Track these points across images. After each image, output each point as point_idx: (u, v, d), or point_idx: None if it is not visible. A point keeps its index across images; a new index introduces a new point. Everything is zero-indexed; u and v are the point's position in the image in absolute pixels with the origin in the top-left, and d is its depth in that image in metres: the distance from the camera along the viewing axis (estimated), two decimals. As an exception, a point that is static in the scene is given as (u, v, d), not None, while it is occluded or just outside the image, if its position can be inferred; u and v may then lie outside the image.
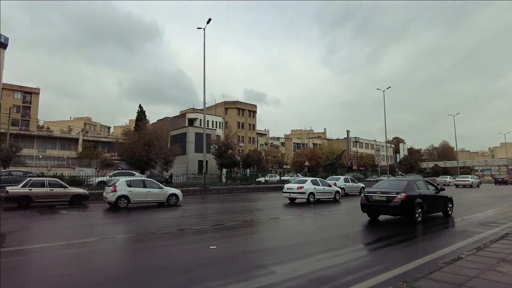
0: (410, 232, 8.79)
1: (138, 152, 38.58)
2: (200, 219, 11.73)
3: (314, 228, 10.33)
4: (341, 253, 6.24)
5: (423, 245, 7.23)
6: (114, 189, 14.75)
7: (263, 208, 16.17)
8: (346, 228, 9.89)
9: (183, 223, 10.74)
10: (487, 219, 11.08)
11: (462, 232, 8.54)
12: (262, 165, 53.51)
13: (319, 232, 9.39)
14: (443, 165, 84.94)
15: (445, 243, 7.15)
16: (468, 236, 7.88)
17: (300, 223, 11.36)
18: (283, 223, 11.23)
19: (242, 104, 71.27)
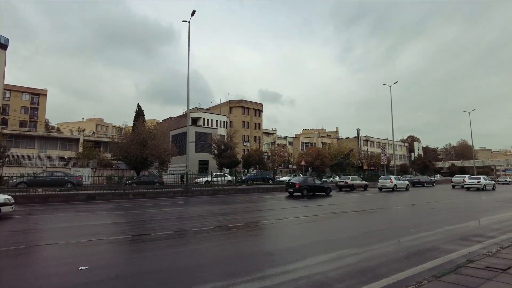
0: (363, 245, 6.93)
1: (132, 152, 37.72)
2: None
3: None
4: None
5: (367, 268, 5.40)
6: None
7: (235, 212, 14.47)
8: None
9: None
10: (474, 231, 9.06)
11: (426, 251, 6.62)
12: (264, 165, 51.80)
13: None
14: (460, 165, 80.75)
15: (389, 270, 5.30)
16: (431, 258, 6.00)
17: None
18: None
19: (247, 103, 69.75)
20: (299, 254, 6.36)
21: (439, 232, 8.94)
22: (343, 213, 13.99)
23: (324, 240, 8.06)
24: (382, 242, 7.56)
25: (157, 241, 7.78)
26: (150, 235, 8.54)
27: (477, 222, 11.05)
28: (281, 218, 12.10)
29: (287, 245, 7.31)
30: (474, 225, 10.27)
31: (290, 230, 9.75)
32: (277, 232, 9.52)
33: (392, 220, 12.05)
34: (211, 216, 12.79)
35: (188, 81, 26.53)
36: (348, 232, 9.37)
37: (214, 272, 5.22)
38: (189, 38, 26.34)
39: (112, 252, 6.93)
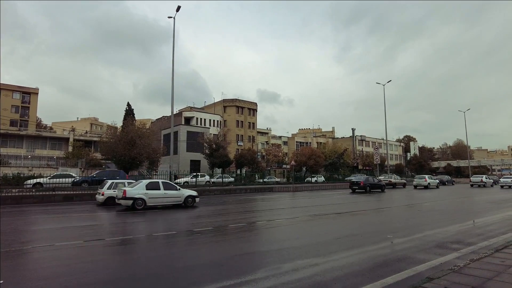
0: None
1: (120, 151, 36.96)
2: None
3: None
4: None
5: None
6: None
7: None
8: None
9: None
10: (455, 236, 8.40)
11: (395, 262, 5.93)
12: (257, 165, 51.09)
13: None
14: (456, 165, 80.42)
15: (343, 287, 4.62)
16: (397, 270, 5.32)
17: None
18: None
19: (241, 102, 69.02)
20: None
21: (417, 237, 8.28)
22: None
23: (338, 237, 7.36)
24: (371, 245, 6.89)
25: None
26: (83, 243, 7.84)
27: (461, 225, 10.40)
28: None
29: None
30: (456, 229, 9.61)
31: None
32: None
33: (387, 221, 11.40)
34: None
35: (172, 79, 25.81)
36: (338, 233, 8.69)
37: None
38: (174, 34, 25.69)
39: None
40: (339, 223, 11.75)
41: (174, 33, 25.92)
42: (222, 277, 5.03)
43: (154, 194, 15.48)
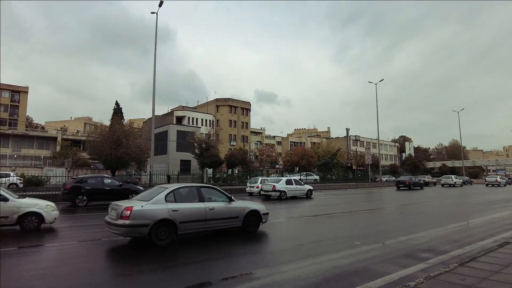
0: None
1: (106, 151, 36.15)
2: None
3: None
4: None
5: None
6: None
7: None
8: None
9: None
10: (428, 243, 7.66)
11: (350, 275, 5.19)
12: (248, 165, 50.33)
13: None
14: (451, 165, 79.92)
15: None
16: (348, 286, 4.60)
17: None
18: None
19: (234, 102, 68.23)
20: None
21: (387, 245, 7.55)
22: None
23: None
24: (332, 253, 6.16)
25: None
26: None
27: (438, 230, 9.70)
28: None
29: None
30: (433, 234, 8.90)
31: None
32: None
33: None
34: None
35: (154, 77, 25.06)
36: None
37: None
38: (157, 30, 24.93)
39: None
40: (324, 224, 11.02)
41: (156, 28, 25.19)
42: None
43: (291, 188, 21.65)
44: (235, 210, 8.94)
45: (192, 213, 8.00)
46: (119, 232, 7.32)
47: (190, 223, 7.91)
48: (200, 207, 8.18)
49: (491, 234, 8.55)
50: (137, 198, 8.51)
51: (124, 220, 7.11)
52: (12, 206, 9.28)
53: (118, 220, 7.23)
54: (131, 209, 7.15)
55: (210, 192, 8.96)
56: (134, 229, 7.22)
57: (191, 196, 8.41)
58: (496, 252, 5.29)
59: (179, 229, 7.68)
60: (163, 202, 7.65)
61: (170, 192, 7.95)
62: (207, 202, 8.41)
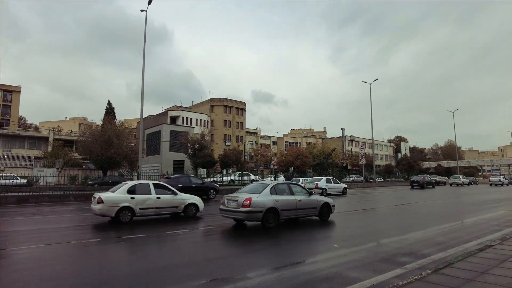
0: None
1: (97, 151, 35.67)
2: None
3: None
4: None
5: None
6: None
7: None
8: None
9: None
10: (410, 246, 7.32)
11: (320, 282, 4.89)
12: (242, 165, 49.92)
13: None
14: (446, 165, 79.91)
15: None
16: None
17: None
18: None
19: (229, 101, 67.84)
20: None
21: (368, 248, 7.22)
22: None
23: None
24: (309, 256, 5.82)
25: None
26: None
27: (427, 231, 9.39)
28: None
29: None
30: (419, 236, 8.58)
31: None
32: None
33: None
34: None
35: (143, 76, 24.55)
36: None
37: None
38: (146, 28, 24.47)
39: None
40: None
41: (145, 27, 24.73)
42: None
43: (330, 185, 25.82)
44: (314, 202, 11.15)
45: (288, 203, 10.26)
46: (242, 217, 9.67)
47: (286, 211, 10.22)
48: (292, 199, 10.43)
49: (477, 236, 8.24)
50: (244, 191, 10.62)
51: (245, 207, 9.41)
52: (180, 199, 12.14)
53: (240, 208, 9.47)
54: (250, 200, 9.48)
55: (296, 187, 11.18)
56: (252, 214, 9.53)
57: (285, 190, 10.67)
58: (475, 257, 4.96)
59: (280, 216, 10.02)
60: (269, 194, 9.95)
61: (272, 187, 10.31)
62: (296, 195, 10.64)
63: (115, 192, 11.00)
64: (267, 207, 9.61)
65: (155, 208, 11.36)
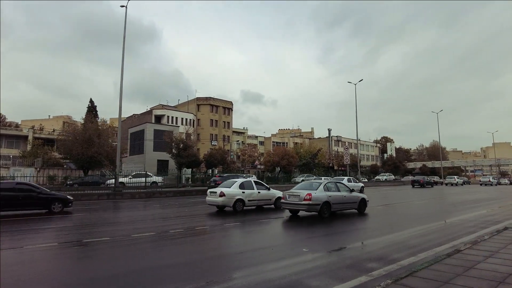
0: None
1: (77, 150, 34.74)
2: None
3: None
4: None
5: None
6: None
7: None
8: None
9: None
10: (380, 250, 7.06)
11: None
12: (227, 165, 49.46)
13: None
14: (431, 165, 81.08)
15: None
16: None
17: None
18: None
19: (215, 101, 67.16)
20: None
21: (338, 252, 6.91)
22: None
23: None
24: (272, 262, 5.48)
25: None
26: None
27: (404, 233, 9.17)
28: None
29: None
30: (393, 239, 8.33)
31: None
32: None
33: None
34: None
35: (121, 73, 23.87)
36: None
37: None
38: (125, 24, 23.78)
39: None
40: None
41: (125, 22, 24.04)
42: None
43: (351, 185, 23.71)
44: (355, 197, 13.62)
45: (337, 198, 12.67)
46: (304, 208, 12.06)
47: (336, 204, 12.65)
48: (339, 195, 12.91)
49: (452, 238, 8.03)
50: (300, 187, 13.19)
51: (307, 201, 11.80)
52: (271, 193, 15.17)
53: (302, 201, 11.90)
54: (311, 195, 11.84)
55: (341, 185, 13.72)
56: (312, 206, 11.89)
57: (333, 187, 13.09)
58: (441, 263, 4.68)
59: (332, 208, 12.41)
60: (323, 191, 12.37)
61: (324, 184, 12.77)
62: (341, 192, 13.11)
63: (230, 187, 14.12)
64: (323, 201, 11.98)
65: (257, 200, 14.60)
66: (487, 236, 6.73)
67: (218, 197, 13.62)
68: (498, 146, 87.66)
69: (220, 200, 13.65)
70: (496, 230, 7.95)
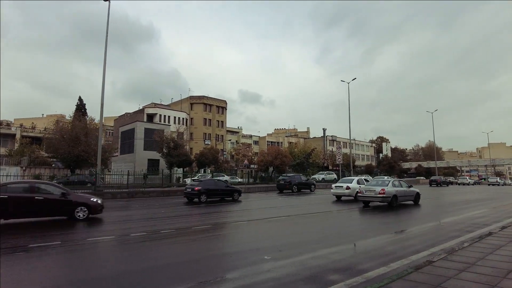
0: None
1: (63, 149, 33.90)
2: None
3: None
4: None
5: None
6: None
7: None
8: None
9: None
10: (355, 256, 6.40)
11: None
12: (220, 165, 48.76)
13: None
14: (426, 165, 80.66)
15: None
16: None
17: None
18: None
19: (209, 99, 66.38)
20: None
21: (302, 260, 6.21)
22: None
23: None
24: (231, 271, 4.82)
25: None
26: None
27: (384, 237, 8.53)
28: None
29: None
30: (370, 244, 7.69)
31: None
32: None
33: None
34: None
35: (104, 69, 23.08)
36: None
37: None
38: (108, 19, 22.97)
39: None
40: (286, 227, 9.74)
41: (108, 18, 23.21)
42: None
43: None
44: (412, 191, 17.84)
45: (401, 192, 16.77)
46: (379, 200, 15.92)
47: (401, 197, 16.71)
48: (403, 189, 17.08)
49: (432, 244, 7.37)
50: (373, 185, 17.18)
51: (382, 194, 15.70)
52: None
53: (378, 195, 15.77)
54: (384, 190, 15.78)
55: (402, 182, 17.91)
56: (385, 198, 15.78)
57: (397, 184, 17.20)
58: (404, 279, 3.99)
59: (398, 200, 16.36)
60: (392, 186, 16.38)
61: (392, 182, 17.08)
62: (403, 187, 17.24)
63: (351, 183, 20.34)
64: (392, 194, 15.99)
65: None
66: (467, 244, 6.07)
67: (345, 190, 19.69)
68: (493, 146, 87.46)
69: (347, 192, 19.82)
70: (479, 235, 7.31)
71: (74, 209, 11.37)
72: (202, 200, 18.70)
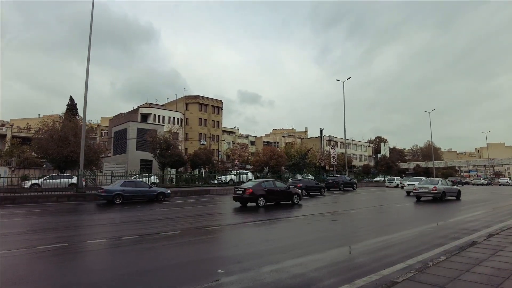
0: None
1: (52, 149, 33.30)
2: None
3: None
4: None
5: None
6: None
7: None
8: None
9: None
10: (319, 270, 5.71)
11: None
12: (213, 165, 48.07)
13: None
14: (424, 165, 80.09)
15: None
16: None
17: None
18: None
19: (204, 99, 65.71)
20: None
21: (258, 274, 5.55)
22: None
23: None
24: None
25: None
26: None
27: (362, 244, 7.86)
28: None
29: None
30: (342, 254, 7.04)
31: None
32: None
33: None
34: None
35: (87, 68, 22.44)
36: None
37: None
38: (92, 15, 22.34)
39: None
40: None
41: (92, 15, 22.55)
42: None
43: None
44: (456, 189, 22.42)
45: (448, 190, 21.14)
46: (431, 195, 20.27)
47: (448, 193, 21.07)
48: (449, 187, 21.58)
49: (409, 255, 6.67)
50: (426, 183, 21.58)
51: (434, 190, 20.03)
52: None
53: (431, 191, 20.10)
54: (436, 187, 20.18)
55: (448, 181, 23.34)
56: (437, 194, 19.98)
57: (444, 182, 22.13)
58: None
59: (446, 196, 20.84)
60: (441, 184, 20.96)
61: (441, 181, 22.06)
62: (448, 185, 22.00)
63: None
64: (442, 191, 20.02)
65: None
66: (444, 257, 5.39)
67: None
68: (492, 146, 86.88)
69: (408, 189, 25.42)
70: (461, 246, 6.65)
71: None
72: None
